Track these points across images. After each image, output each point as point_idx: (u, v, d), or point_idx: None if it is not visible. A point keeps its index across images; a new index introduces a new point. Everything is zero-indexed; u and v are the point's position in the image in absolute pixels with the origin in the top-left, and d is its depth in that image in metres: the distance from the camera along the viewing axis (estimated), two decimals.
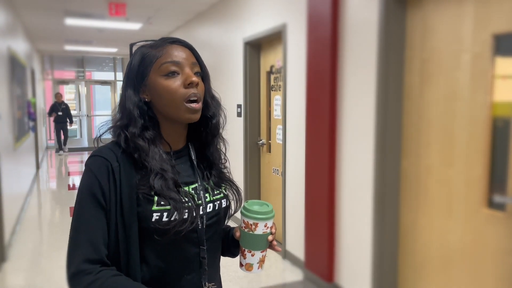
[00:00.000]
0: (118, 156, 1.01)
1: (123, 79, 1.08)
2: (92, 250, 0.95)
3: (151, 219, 0.98)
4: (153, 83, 1.03)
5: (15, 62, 5.39)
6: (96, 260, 0.95)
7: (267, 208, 1.07)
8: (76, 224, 0.97)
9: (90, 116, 12.86)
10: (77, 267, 0.93)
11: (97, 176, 0.98)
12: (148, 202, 0.99)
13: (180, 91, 1.01)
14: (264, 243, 1.07)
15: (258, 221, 1.05)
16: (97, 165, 1.00)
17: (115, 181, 0.99)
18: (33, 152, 7.98)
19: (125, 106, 1.03)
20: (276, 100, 4.26)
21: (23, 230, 4.95)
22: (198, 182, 1.09)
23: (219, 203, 1.11)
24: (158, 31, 7.23)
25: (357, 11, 2.88)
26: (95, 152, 1.02)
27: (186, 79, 1.02)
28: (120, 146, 1.02)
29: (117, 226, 0.98)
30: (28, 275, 3.70)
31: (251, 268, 1.09)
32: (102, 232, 0.97)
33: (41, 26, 7.18)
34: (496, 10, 2.11)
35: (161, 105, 1.04)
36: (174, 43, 1.06)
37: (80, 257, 0.94)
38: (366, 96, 2.82)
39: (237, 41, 4.76)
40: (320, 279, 3.30)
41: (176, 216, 0.98)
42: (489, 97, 2.16)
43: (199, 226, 1.05)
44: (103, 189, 0.98)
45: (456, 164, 2.35)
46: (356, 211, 2.98)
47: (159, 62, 1.02)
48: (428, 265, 2.56)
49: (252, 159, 4.70)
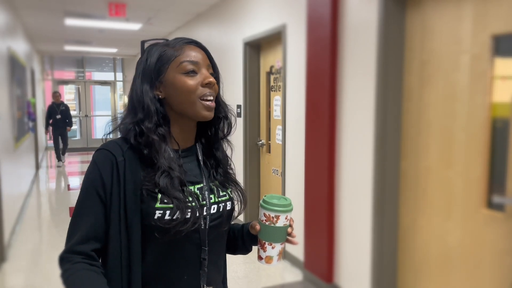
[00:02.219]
0: (124, 151, 1.02)
1: (137, 75, 1.08)
2: (79, 241, 0.98)
3: (153, 216, 0.99)
4: (171, 80, 1.04)
5: (15, 63, 5.39)
6: (78, 251, 0.97)
7: (286, 201, 1.09)
8: (74, 214, 1.01)
9: (89, 117, 12.85)
10: (63, 254, 0.98)
11: (100, 169, 1.00)
12: (152, 199, 1.00)
13: (197, 90, 1.04)
14: (284, 235, 1.10)
15: (279, 213, 1.07)
16: (101, 158, 1.01)
17: (119, 175, 1.00)
18: (32, 152, 7.98)
19: (141, 101, 1.03)
20: (275, 100, 4.26)
21: (22, 230, 4.95)
22: (203, 182, 1.10)
23: (223, 205, 1.11)
24: (158, 31, 7.23)
25: (356, 12, 2.88)
26: (101, 146, 1.04)
27: (204, 79, 1.05)
28: (127, 142, 1.03)
29: (120, 222, 0.99)
30: (28, 275, 3.70)
31: (271, 261, 1.10)
32: (93, 225, 0.99)
33: (41, 26, 7.19)
34: (495, 11, 2.12)
35: (177, 102, 1.05)
36: (190, 43, 1.08)
37: (68, 246, 0.98)
38: (365, 97, 2.82)
39: (237, 41, 4.77)
40: (319, 279, 3.30)
41: (178, 215, 0.99)
42: (488, 98, 2.17)
43: (201, 226, 1.05)
44: (105, 182, 0.99)
45: (455, 165, 2.36)
46: (355, 212, 2.98)
47: (178, 60, 1.04)
48: (427, 266, 2.57)
49: (251, 160, 4.70)
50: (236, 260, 3.69)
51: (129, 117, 1.05)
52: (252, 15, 4.38)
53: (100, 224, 0.99)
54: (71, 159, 10.70)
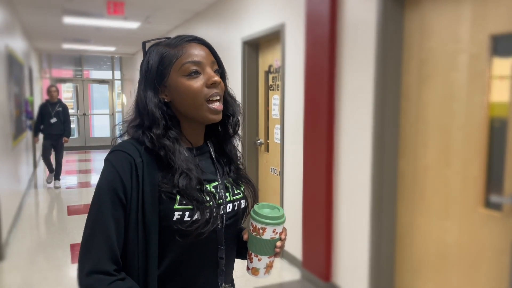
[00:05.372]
0: (141, 152, 0.98)
1: (140, 80, 1.04)
2: (108, 255, 0.92)
3: (172, 218, 0.96)
4: (174, 84, 1.01)
5: (12, 61, 5.38)
6: (110, 266, 0.92)
7: (277, 213, 1.02)
8: (94, 222, 0.93)
9: (87, 115, 12.83)
10: (92, 270, 0.90)
11: (119, 172, 0.95)
12: (170, 200, 0.97)
13: (203, 91, 1.00)
14: (271, 248, 1.03)
15: (266, 225, 1.01)
16: (119, 160, 0.96)
17: (138, 177, 0.96)
18: (30, 150, 7.96)
19: (146, 108, 1.00)
20: (274, 99, 4.26)
21: (20, 228, 4.94)
22: (219, 181, 1.08)
23: (238, 204, 1.09)
24: (156, 30, 7.22)
25: (355, 11, 2.88)
26: (116, 147, 0.99)
27: (208, 79, 1.01)
28: (142, 143, 0.99)
29: (138, 224, 0.95)
30: (25, 273, 3.70)
31: (257, 273, 1.05)
32: (119, 235, 0.94)
33: (39, 24, 7.17)
34: (493, 11, 2.12)
35: (183, 106, 1.02)
36: (192, 41, 1.03)
37: (95, 260, 0.90)
38: (364, 96, 2.82)
39: (235, 40, 4.76)
40: (317, 278, 3.30)
41: (198, 216, 0.96)
42: (486, 98, 2.17)
43: (218, 226, 1.03)
44: (125, 185, 0.94)
45: (453, 164, 2.36)
46: (353, 211, 2.99)
47: (179, 62, 1.00)
48: (425, 264, 2.57)
49: (250, 159, 4.70)
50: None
51: (137, 122, 1.02)
52: (250, 14, 4.38)
53: (122, 231, 0.95)
54: (68, 157, 10.68)
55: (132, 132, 1.02)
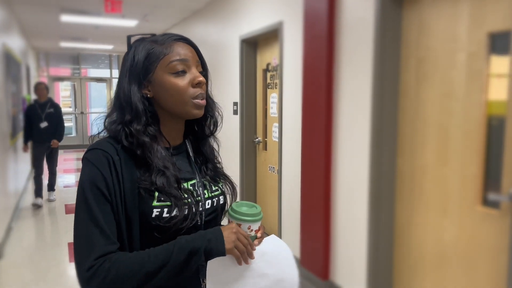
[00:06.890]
0: (118, 150, 1.00)
1: (123, 73, 1.04)
2: (108, 244, 0.93)
3: (151, 215, 0.98)
4: (159, 80, 1.02)
5: (10, 59, 5.36)
6: (109, 251, 0.92)
7: (254, 210, 1.05)
8: (85, 220, 0.93)
9: (85, 114, 12.80)
10: (93, 263, 0.90)
11: (98, 168, 0.96)
12: (149, 197, 0.99)
13: (188, 90, 1.03)
14: None
15: (241, 222, 1.03)
16: (97, 157, 0.97)
17: (117, 173, 0.97)
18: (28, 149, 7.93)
19: (129, 102, 1.01)
20: (272, 98, 4.26)
21: (18, 227, 4.94)
22: (196, 179, 1.10)
23: (217, 200, 1.12)
24: (154, 28, 7.21)
25: (353, 9, 2.88)
26: (93, 146, 1.00)
27: (194, 78, 1.03)
28: (119, 141, 1.00)
29: (121, 221, 0.97)
30: (24, 272, 3.69)
31: None
32: (112, 226, 0.95)
33: (36, 22, 7.14)
34: (491, 9, 2.12)
35: (167, 102, 1.04)
36: (179, 40, 1.06)
37: (96, 254, 0.91)
38: (362, 94, 2.82)
39: (233, 38, 4.76)
40: (315, 276, 3.31)
41: (176, 212, 0.98)
42: (484, 96, 2.18)
43: (198, 222, 1.06)
44: (106, 180, 0.95)
45: (451, 162, 2.37)
46: (351, 209, 2.99)
47: (167, 60, 1.02)
48: (423, 263, 2.58)
49: (248, 157, 4.70)
50: None
51: (116, 116, 1.03)
52: (248, 12, 4.37)
53: (113, 222, 0.95)
54: (66, 156, 10.66)
55: (111, 128, 1.03)
